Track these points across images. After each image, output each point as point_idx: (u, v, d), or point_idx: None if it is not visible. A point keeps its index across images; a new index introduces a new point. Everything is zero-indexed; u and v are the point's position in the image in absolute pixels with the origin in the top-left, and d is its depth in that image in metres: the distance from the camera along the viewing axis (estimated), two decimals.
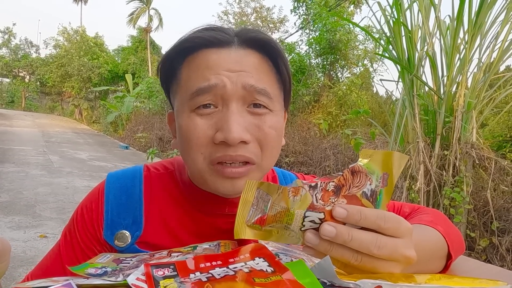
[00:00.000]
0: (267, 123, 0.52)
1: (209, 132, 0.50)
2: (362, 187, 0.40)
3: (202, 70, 0.51)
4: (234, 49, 0.53)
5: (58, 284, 0.33)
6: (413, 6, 3.27)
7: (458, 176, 2.97)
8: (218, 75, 0.50)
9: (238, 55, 0.52)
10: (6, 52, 31.51)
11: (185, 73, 0.53)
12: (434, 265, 0.54)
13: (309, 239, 0.38)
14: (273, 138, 0.53)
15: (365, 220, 0.38)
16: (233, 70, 0.51)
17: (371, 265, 0.38)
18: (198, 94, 0.50)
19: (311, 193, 0.39)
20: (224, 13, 19.68)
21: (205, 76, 0.50)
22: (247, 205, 0.40)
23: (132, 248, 0.55)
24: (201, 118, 0.51)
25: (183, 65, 0.54)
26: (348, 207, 0.38)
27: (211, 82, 0.50)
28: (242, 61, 0.52)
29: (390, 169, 0.41)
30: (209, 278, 0.33)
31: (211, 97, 0.50)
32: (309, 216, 0.39)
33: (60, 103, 31.76)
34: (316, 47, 9.00)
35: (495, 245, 2.94)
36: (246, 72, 0.51)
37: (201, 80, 0.50)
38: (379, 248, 0.37)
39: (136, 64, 23.63)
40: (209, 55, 0.52)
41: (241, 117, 0.50)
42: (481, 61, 3.09)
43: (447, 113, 3.07)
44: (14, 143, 10.07)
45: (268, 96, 0.52)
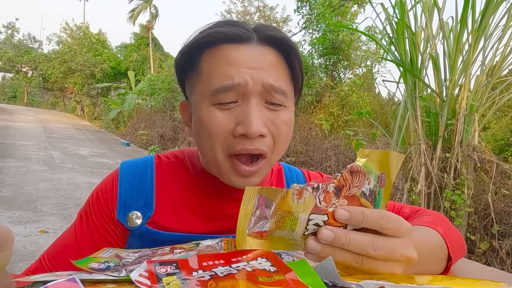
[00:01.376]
0: (281, 119, 0.55)
1: (229, 125, 0.53)
2: (361, 187, 0.40)
3: (224, 67, 0.53)
4: (254, 46, 0.55)
5: (61, 278, 0.33)
6: (417, 8, 3.26)
7: (459, 178, 2.97)
8: (240, 73, 0.52)
9: (257, 52, 0.55)
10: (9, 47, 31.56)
11: (205, 67, 0.55)
12: (434, 267, 0.54)
13: (311, 246, 0.38)
14: (286, 133, 0.56)
15: (368, 221, 0.38)
16: (253, 67, 0.53)
17: (372, 267, 0.38)
18: (221, 91, 0.52)
19: (314, 195, 0.38)
20: (228, 12, 19.66)
21: (228, 73, 0.52)
22: (248, 214, 0.39)
23: (143, 228, 0.59)
24: (221, 112, 0.53)
25: (203, 58, 0.56)
26: (350, 208, 0.38)
27: (235, 81, 0.52)
28: (261, 58, 0.54)
29: (388, 168, 0.41)
30: (212, 276, 0.33)
31: (233, 95, 0.53)
32: (313, 219, 0.38)
33: (62, 99, 31.78)
34: (319, 47, 8.98)
35: (495, 249, 2.93)
36: (265, 70, 0.53)
37: (224, 78, 0.52)
38: (376, 249, 0.37)
39: (138, 61, 23.63)
40: (230, 51, 0.54)
41: (259, 111, 0.53)
42: (484, 64, 3.08)
43: (449, 116, 3.07)
44: (16, 138, 10.09)
45: (284, 94, 0.55)
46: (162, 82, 12.39)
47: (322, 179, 0.41)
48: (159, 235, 0.59)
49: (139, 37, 25.10)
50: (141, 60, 23.74)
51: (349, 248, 0.38)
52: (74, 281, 0.32)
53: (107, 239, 0.60)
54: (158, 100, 12.71)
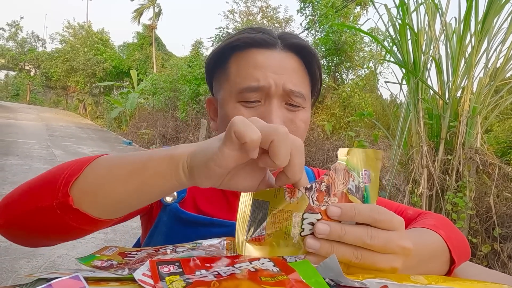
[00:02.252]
0: (299, 117, 0.62)
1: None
2: (347, 184, 0.41)
3: (252, 70, 0.60)
4: (278, 52, 0.62)
5: (65, 276, 0.33)
6: (420, 9, 3.26)
7: (461, 181, 2.96)
8: (266, 77, 0.59)
9: (281, 57, 0.61)
10: (12, 45, 31.68)
11: (234, 68, 0.62)
12: (436, 269, 0.54)
13: (309, 244, 0.39)
14: (302, 131, 0.63)
15: (360, 215, 0.39)
16: (277, 72, 0.59)
17: (371, 260, 0.39)
18: (247, 91, 0.59)
19: (307, 195, 0.39)
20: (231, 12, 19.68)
21: (254, 76, 0.59)
22: (245, 221, 0.40)
23: (174, 206, 0.65)
24: (245, 109, 0.60)
25: (231, 59, 0.63)
26: (342, 205, 0.40)
27: (260, 84, 0.59)
28: (284, 63, 0.61)
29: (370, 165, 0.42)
30: (215, 276, 0.33)
31: (257, 95, 0.59)
32: (307, 218, 0.39)
33: (64, 97, 31.86)
34: (322, 48, 8.97)
35: (497, 252, 2.92)
36: (287, 76, 0.60)
37: (251, 79, 0.59)
38: (372, 238, 0.38)
39: (140, 60, 23.66)
40: (257, 55, 0.61)
41: (280, 111, 0.59)
42: (487, 66, 3.07)
43: (452, 118, 3.06)
44: (18, 136, 10.12)
45: (303, 98, 0.62)
46: (164, 81, 12.39)
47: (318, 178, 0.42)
48: (187, 215, 0.64)
49: (142, 36, 25.13)
50: (143, 59, 23.77)
51: (346, 240, 0.38)
52: (77, 279, 0.32)
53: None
54: (160, 100, 12.71)
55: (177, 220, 0.64)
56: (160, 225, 0.66)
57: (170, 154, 0.42)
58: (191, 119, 10.36)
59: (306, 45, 0.64)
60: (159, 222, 0.66)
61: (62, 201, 0.43)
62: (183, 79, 10.63)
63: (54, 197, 0.43)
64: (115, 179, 0.43)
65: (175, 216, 0.65)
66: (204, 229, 0.64)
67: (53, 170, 0.48)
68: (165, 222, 0.65)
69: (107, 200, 0.44)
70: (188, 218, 0.64)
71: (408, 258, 0.41)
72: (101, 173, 0.44)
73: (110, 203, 0.44)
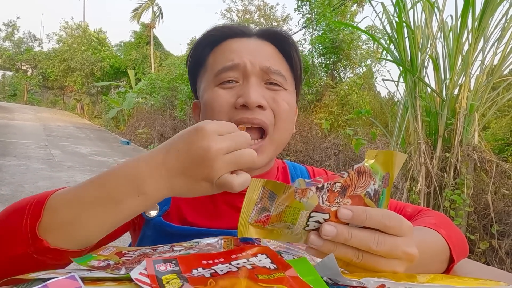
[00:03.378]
0: (281, 97, 0.61)
1: (231, 99, 0.59)
2: (366, 187, 0.40)
3: (227, 54, 0.61)
4: (254, 39, 0.64)
5: (61, 276, 0.33)
6: (417, 7, 3.26)
7: (459, 178, 2.97)
8: (240, 57, 0.60)
9: (257, 44, 0.63)
10: (9, 45, 31.51)
11: (211, 59, 0.63)
12: (435, 268, 0.54)
13: (312, 241, 0.39)
14: (286, 110, 0.61)
15: (371, 220, 0.38)
16: (252, 54, 0.60)
17: (373, 263, 0.39)
18: (222, 71, 0.59)
19: (318, 195, 0.38)
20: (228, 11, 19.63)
21: (229, 57, 0.60)
22: (251, 204, 0.40)
23: (158, 220, 0.63)
24: (224, 90, 0.60)
25: (210, 54, 0.64)
26: (353, 208, 0.39)
27: (235, 62, 0.59)
28: (260, 49, 0.62)
29: (391, 168, 0.42)
30: (212, 274, 0.33)
31: (233, 74, 0.59)
32: (314, 216, 0.39)
33: (62, 97, 31.74)
34: (319, 46, 8.96)
35: (495, 248, 2.94)
36: (263, 57, 0.61)
37: (225, 61, 0.60)
38: (378, 244, 0.38)
39: (138, 60, 23.59)
40: (233, 43, 0.63)
41: (259, 88, 0.59)
42: (484, 64, 3.08)
43: (449, 115, 3.07)
44: (16, 137, 10.08)
45: (283, 77, 0.61)
46: (162, 80, 12.37)
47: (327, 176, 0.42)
48: (172, 228, 0.62)
49: (139, 35, 25.05)
50: (141, 59, 23.69)
51: (351, 244, 0.38)
52: (73, 279, 0.32)
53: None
54: (158, 99, 12.69)
55: (162, 234, 0.62)
56: (144, 240, 0.64)
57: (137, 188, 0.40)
58: (189, 118, 10.34)
59: (279, 30, 0.65)
60: (144, 238, 0.64)
61: (37, 246, 0.41)
62: (180, 78, 10.62)
63: (26, 246, 0.42)
64: (82, 211, 0.42)
65: (160, 230, 0.62)
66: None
67: (8, 216, 0.45)
68: (149, 237, 0.63)
69: (82, 232, 0.43)
70: (174, 231, 0.61)
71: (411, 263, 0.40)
72: (65, 210, 0.42)
73: (84, 234, 0.43)
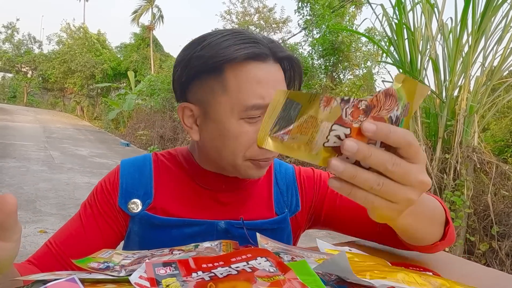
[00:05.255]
0: None
1: (255, 137, 0.59)
2: (391, 112, 0.39)
3: (255, 87, 0.59)
4: (271, 65, 0.62)
5: (61, 278, 0.33)
6: (416, 9, 3.27)
7: (459, 179, 2.97)
8: (269, 94, 0.60)
9: (275, 70, 0.63)
10: (9, 47, 31.55)
11: (233, 82, 0.60)
12: (436, 230, 0.59)
13: (334, 166, 0.37)
14: None
15: (394, 134, 0.37)
16: (274, 87, 0.60)
17: (391, 189, 0.38)
18: (252, 109, 0.59)
19: (342, 107, 0.37)
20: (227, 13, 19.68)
21: (258, 93, 0.59)
22: (274, 115, 0.38)
23: (143, 214, 0.65)
24: (249, 125, 0.60)
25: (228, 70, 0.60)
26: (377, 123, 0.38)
27: (265, 101, 0.59)
28: (277, 77, 0.63)
29: (412, 98, 0.40)
30: (211, 277, 0.33)
31: (262, 111, 0.59)
32: (335, 130, 0.37)
33: (62, 99, 31.75)
34: (319, 48, 8.98)
35: (495, 250, 2.93)
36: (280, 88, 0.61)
37: (255, 97, 0.59)
38: (394, 164, 0.37)
39: (138, 61, 23.62)
40: (257, 71, 0.60)
41: None
42: (484, 65, 3.08)
43: (449, 117, 3.07)
44: (16, 138, 10.08)
45: None
46: (162, 82, 12.38)
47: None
48: (157, 220, 0.64)
49: (138, 37, 25.09)
50: (141, 61, 23.73)
51: (370, 161, 0.37)
52: (73, 281, 0.32)
53: (110, 225, 0.66)
54: (158, 101, 12.70)
55: (148, 227, 0.65)
56: (132, 236, 0.66)
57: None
58: None
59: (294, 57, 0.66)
60: (130, 233, 0.66)
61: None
62: None
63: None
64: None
65: (145, 223, 0.65)
66: (177, 231, 0.64)
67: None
68: (136, 232, 0.65)
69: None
70: (159, 222, 0.64)
71: (424, 192, 0.41)
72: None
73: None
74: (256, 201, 0.71)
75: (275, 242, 0.53)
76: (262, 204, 0.71)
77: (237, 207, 0.69)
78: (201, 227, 0.65)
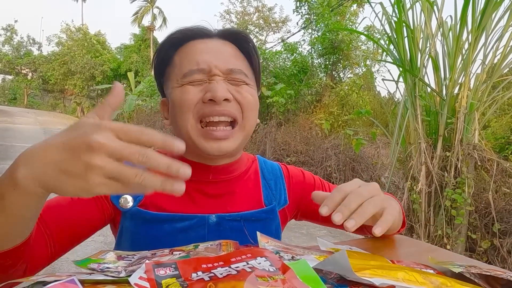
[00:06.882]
0: (244, 89, 0.66)
1: (199, 94, 0.63)
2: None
3: (192, 55, 0.65)
4: (216, 40, 0.68)
5: (61, 280, 0.33)
6: (416, 6, 3.26)
7: (460, 177, 2.96)
8: (205, 60, 0.64)
9: (219, 44, 0.67)
10: (8, 49, 31.57)
11: (177, 60, 0.67)
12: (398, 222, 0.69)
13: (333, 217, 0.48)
14: (251, 101, 0.66)
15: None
16: (216, 55, 0.64)
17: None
18: (189, 74, 0.63)
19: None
20: (227, 12, 19.67)
21: (195, 60, 0.64)
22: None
23: (135, 210, 0.65)
24: (193, 87, 0.63)
25: (176, 53, 0.68)
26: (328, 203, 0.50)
27: (200, 67, 0.63)
28: (222, 49, 0.66)
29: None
30: (211, 278, 0.33)
31: (200, 77, 0.63)
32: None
33: (62, 100, 31.78)
34: (319, 47, 8.97)
35: (496, 247, 2.93)
36: (225, 58, 0.65)
37: (191, 64, 0.64)
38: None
39: (138, 62, 23.62)
40: (196, 44, 0.67)
41: (224, 83, 0.64)
42: (485, 63, 3.08)
43: (449, 114, 3.06)
44: (16, 140, 10.09)
45: (244, 74, 0.66)
46: None
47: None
48: (149, 215, 0.65)
49: (138, 38, 25.09)
50: (141, 61, 23.73)
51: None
52: (73, 283, 0.32)
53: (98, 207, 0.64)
54: (158, 101, 12.69)
55: (140, 222, 0.65)
56: (124, 232, 0.66)
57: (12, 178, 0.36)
58: None
59: (239, 31, 0.70)
60: (122, 229, 0.66)
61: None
62: None
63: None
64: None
65: (137, 218, 0.65)
66: (169, 225, 0.65)
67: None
68: (128, 228, 0.66)
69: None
70: (151, 217, 0.65)
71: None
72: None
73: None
74: (244, 194, 0.72)
75: (275, 241, 0.53)
76: (251, 197, 0.73)
77: (225, 200, 0.70)
78: (192, 221, 0.66)
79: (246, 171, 0.75)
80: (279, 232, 0.74)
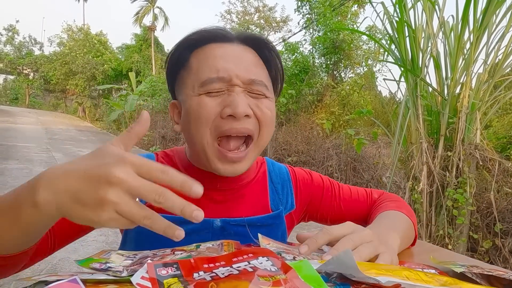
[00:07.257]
0: (264, 104, 0.62)
1: (217, 108, 0.59)
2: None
3: (211, 61, 0.61)
4: (236, 45, 0.64)
5: (63, 279, 0.33)
6: (417, 6, 3.25)
7: (462, 177, 2.96)
8: (225, 68, 0.59)
9: (239, 50, 0.63)
10: (10, 49, 31.64)
11: (195, 63, 0.63)
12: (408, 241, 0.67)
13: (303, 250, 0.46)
14: (270, 117, 0.63)
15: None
16: (236, 63, 0.60)
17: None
18: (208, 82, 0.59)
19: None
20: (227, 12, 19.67)
21: (214, 67, 0.60)
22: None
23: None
24: (209, 98, 0.59)
25: (192, 56, 0.64)
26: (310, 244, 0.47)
27: (220, 74, 0.59)
28: (243, 57, 0.62)
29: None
30: (213, 277, 0.33)
31: (219, 85, 0.59)
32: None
33: (63, 100, 31.82)
34: (320, 46, 8.96)
35: (498, 247, 2.92)
36: (245, 66, 0.61)
37: (210, 71, 0.60)
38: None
39: (140, 62, 23.63)
40: (216, 49, 0.62)
41: (244, 96, 0.60)
42: (486, 63, 3.07)
43: (451, 114, 3.06)
44: (18, 140, 10.11)
45: (265, 86, 0.63)
46: (163, 83, 12.40)
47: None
48: None
49: (140, 38, 25.10)
50: (142, 61, 23.74)
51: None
52: (75, 282, 0.32)
53: None
54: (159, 101, 12.72)
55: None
56: (129, 231, 0.66)
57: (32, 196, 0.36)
58: None
59: (261, 37, 0.66)
60: (128, 230, 0.66)
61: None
62: None
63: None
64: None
65: None
66: None
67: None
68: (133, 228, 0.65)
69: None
70: None
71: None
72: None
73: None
74: (250, 199, 0.71)
75: (276, 243, 0.53)
76: (257, 202, 0.71)
77: (232, 205, 0.69)
78: (196, 225, 0.65)
79: (254, 175, 0.74)
80: (285, 238, 0.73)
